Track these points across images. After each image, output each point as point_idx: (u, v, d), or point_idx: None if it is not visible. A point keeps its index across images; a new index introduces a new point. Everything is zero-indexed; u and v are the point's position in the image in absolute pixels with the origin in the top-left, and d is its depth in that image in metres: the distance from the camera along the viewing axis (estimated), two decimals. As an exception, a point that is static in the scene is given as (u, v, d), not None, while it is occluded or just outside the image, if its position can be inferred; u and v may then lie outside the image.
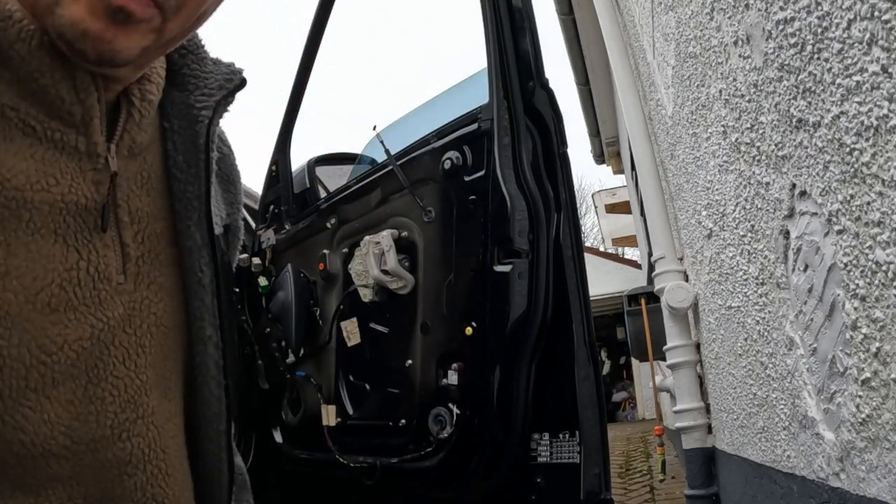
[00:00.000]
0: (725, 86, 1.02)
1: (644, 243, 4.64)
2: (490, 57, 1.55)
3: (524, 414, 1.42)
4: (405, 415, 1.61)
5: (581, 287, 1.47)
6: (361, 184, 1.87)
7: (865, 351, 0.67)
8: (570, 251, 1.48)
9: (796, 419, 0.95)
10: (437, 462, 1.49)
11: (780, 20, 0.73)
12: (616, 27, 2.35)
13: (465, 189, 1.55)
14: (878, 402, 0.66)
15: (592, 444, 1.40)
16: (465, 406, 1.47)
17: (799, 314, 0.87)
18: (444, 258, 1.59)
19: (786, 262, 0.90)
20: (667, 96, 1.62)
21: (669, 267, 1.95)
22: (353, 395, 1.82)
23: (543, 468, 1.44)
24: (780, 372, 1.01)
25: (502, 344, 1.43)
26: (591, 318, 1.47)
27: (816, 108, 0.69)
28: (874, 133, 0.58)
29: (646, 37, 1.77)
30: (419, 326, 1.61)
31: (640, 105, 2.16)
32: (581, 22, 4.31)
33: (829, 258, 0.73)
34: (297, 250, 2.05)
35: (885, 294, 0.61)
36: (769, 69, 0.80)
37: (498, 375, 1.42)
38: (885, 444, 0.66)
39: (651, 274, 2.26)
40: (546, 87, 1.54)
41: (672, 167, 1.80)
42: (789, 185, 0.82)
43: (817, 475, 0.88)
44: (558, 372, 1.43)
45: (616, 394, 12.05)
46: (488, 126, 1.53)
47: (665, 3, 1.41)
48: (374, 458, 1.60)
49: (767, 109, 0.84)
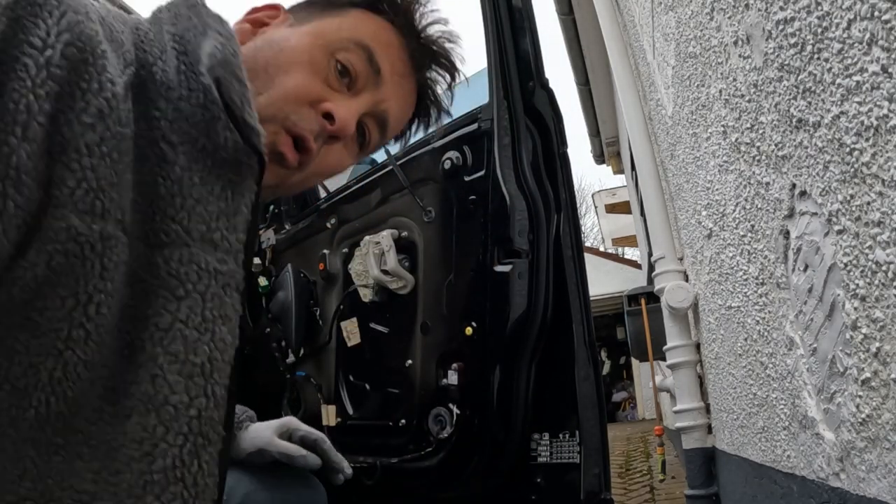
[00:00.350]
0: (725, 86, 1.02)
1: (644, 243, 4.64)
2: (490, 57, 1.55)
3: (524, 414, 1.42)
4: (405, 415, 1.61)
5: (581, 287, 1.47)
6: (361, 184, 1.87)
7: (865, 351, 0.67)
8: (570, 251, 1.48)
9: (796, 419, 0.95)
10: (437, 462, 1.49)
11: (780, 20, 0.73)
12: (616, 27, 2.35)
13: (465, 189, 1.55)
14: (878, 402, 0.66)
15: (592, 444, 1.40)
16: (465, 406, 1.47)
17: (799, 314, 0.87)
18: (444, 258, 1.59)
19: (786, 262, 0.90)
20: (667, 96, 1.62)
21: (669, 267, 1.95)
22: (353, 395, 1.82)
23: (543, 468, 1.44)
24: (780, 372, 1.01)
25: (502, 344, 1.43)
26: (591, 318, 1.47)
27: (816, 108, 0.69)
28: (874, 133, 0.58)
29: (646, 37, 1.78)
30: (419, 326, 1.61)
31: (640, 105, 2.16)
32: (581, 22, 4.31)
33: (829, 258, 0.73)
34: (297, 250, 2.05)
35: (885, 294, 0.61)
36: (769, 69, 0.80)
37: (498, 375, 1.42)
38: (885, 444, 0.66)
39: (651, 274, 2.26)
40: (546, 87, 1.54)
41: (672, 167, 1.80)
42: (789, 185, 0.82)
43: (817, 475, 0.88)
44: (558, 372, 1.44)
45: (616, 394, 12.06)
46: (488, 126, 1.53)
47: (665, 3, 1.41)
48: (374, 458, 1.60)
49: (767, 109, 0.84)
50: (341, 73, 0.64)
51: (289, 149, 0.61)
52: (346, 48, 0.65)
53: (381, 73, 0.66)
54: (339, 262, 1.88)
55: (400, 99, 0.70)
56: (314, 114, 0.62)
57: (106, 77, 0.45)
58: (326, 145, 0.64)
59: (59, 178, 0.43)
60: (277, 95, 0.60)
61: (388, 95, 0.68)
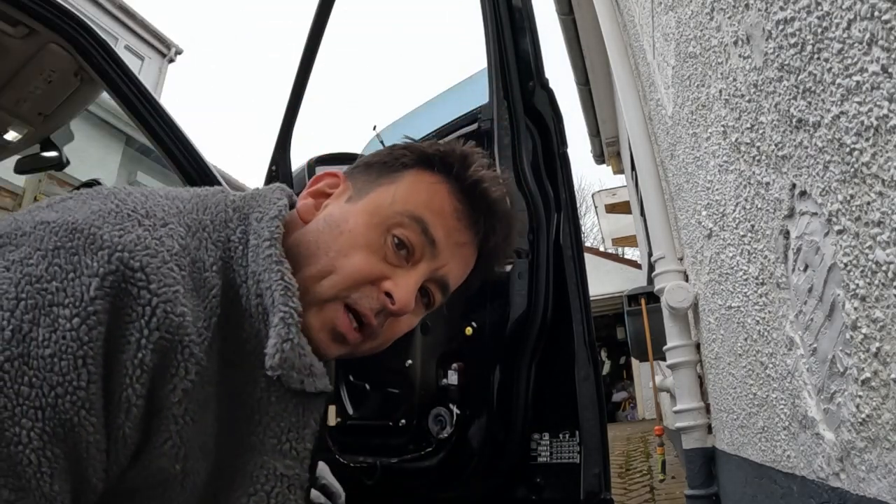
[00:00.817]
0: (725, 86, 1.02)
1: (644, 243, 4.64)
2: (490, 57, 1.55)
3: (524, 414, 1.42)
4: (405, 415, 1.61)
5: (581, 287, 1.47)
6: (361, 184, 1.87)
7: (865, 351, 0.67)
8: (570, 251, 1.48)
9: (796, 419, 0.95)
10: (437, 462, 1.49)
11: (780, 20, 0.73)
12: (616, 27, 2.35)
13: (465, 189, 1.55)
14: (878, 402, 0.66)
15: (592, 444, 1.40)
16: (465, 406, 1.47)
17: (799, 314, 0.87)
18: (444, 258, 1.59)
19: (786, 262, 0.90)
20: (667, 96, 1.62)
21: (669, 267, 1.95)
22: (352, 395, 1.82)
23: (543, 468, 1.43)
24: (780, 372, 1.01)
25: (502, 344, 1.42)
26: (591, 318, 1.47)
27: (816, 108, 0.69)
28: (874, 133, 0.58)
29: (646, 37, 1.77)
30: (419, 326, 1.61)
31: (640, 105, 2.16)
32: (581, 22, 4.31)
33: (829, 258, 0.73)
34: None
35: (885, 294, 0.61)
36: (769, 69, 0.80)
37: (498, 375, 1.42)
38: (885, 444, 0.66)
39: (651, 274, 2.26)
40: (546, 87, 1.54)
41: (672, 167, 1.80)
42: (789, 185, 0.82)
43: (817, 475, 0.88)
44: (558, 372, 1.43)
45: (616, 394, 12.05)
46: (488, 126, 1.52)
47: (665, 3, 1.41)
48: (374, 458, 1.59)
49: (767, 109, 0.84)
50: (398, 246, 0.68)
51: (348, 329, 0.66)
52: (400, 223, 0.69)
53: (436, 243, 0.70)
54: (339, 262, 1.88)
55: (458, 261, 0.74)
56: (376, 292, 0.67)
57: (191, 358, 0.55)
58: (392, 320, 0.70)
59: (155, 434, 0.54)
60: (339, 279, 0.66)
61: (446, 260, 0.72)
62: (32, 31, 1.74)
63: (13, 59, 1.85)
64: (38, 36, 1.76)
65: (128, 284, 0.52)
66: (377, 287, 0.67)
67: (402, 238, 0.69)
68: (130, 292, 0.52)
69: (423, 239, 0.69)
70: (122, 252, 0.53)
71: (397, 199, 0.70)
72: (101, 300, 0.51)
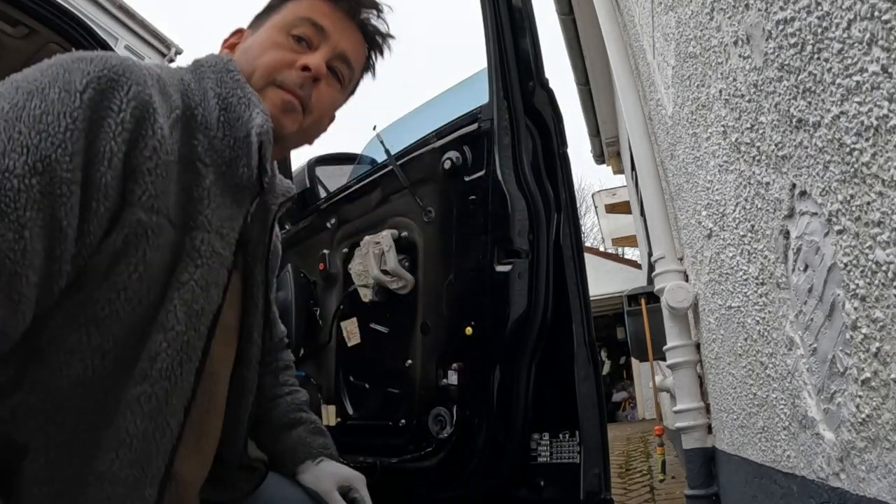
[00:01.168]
0: (725, 86, 1.02)
1: (644, 243, 4.64)
2: (490, 57, 1.55)
3: (524, 414, 1.42)
4: (405, 415, 1.61)
5: (581, 287, 1.47)
6: (361, 184, 1.87)
7: (865, 351, 0.67)
8: (570, 251, 1.48)
9: (796, 419, 0.95)
10: (437, 462, 1.49)
11: (780, 20, 0.73)
12: (616, 27, 2.35)
13: (465, 189, 1.55)
14: (878, 402, 0.66)
15: (592, 444, 1.40)
16: (465, 406, 1.47)
17: (799, 314, 0.87)
18: (444, 258, 1.59)
19: (786, 262, 0.90)
20: (667, 96, 1.62)
21: (669, 267, 1.95)
22: (353, 395, 1.82)
23: (543, 468, 1.43)
24: (780, 372, 1.01)
25: (502, 344, 1.42)
26: (591, 318, 1.47)
27: (816, 108, 0.69)
28: (874, 133, 0.58)
29: (646, 37, 1.78)
30: (419, 326, 1.61)
31: (640, 105, 2.16)
32: (581, 22, 4.31)
33: (829, 258, 0.73)
34: (298, 250, 2.05)
35: (885, 294, 0.61)
36: (769, 69, 0.80)
37: (498, 375, 1.42)
38: (885, 444, 0.66)
39: (651, 274, 2.26)
40: (546, 87, 1.54)
41: (672, 167, 1.80)
42: (789, 185, 0.82)
43: (817, 475, 0.88)
44: (558, 372, 1.43)
45: (616, 394, 12.06)
46: (488, 126, 1.53)
47: (665, 3, 1.41)
48: (374, 458, 1.60)
49: (767, 109, 0.84)
50: (298, 40, 0.90)
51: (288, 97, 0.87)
52: (295, 24, 0.91)
53: (325, 30, 0.91)
54: (339, 262, 1.88)
55: (348, 38, 0.94)
56: (294, 72, 0.87)
57: (157, 126, 0.72)
58: (315, 89, 0.89)
59: (131, 190, 0.69)
60: (262, 69, 0.87)
61: (338, 39, 0.93)
62: (32, 31, 1.74)
63: (13, 59, 1.85)
64: (38, 36, 1.76)
65: (111, 81, 0.69)
66: (294, 69, 0.87)
67: (299, 34, 0.90)
68: (113, 84, 0.69)
69: (314, 29, 0.91)
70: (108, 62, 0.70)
71: (288, 14, 0.92)
72: (89, 89, 0.67)
